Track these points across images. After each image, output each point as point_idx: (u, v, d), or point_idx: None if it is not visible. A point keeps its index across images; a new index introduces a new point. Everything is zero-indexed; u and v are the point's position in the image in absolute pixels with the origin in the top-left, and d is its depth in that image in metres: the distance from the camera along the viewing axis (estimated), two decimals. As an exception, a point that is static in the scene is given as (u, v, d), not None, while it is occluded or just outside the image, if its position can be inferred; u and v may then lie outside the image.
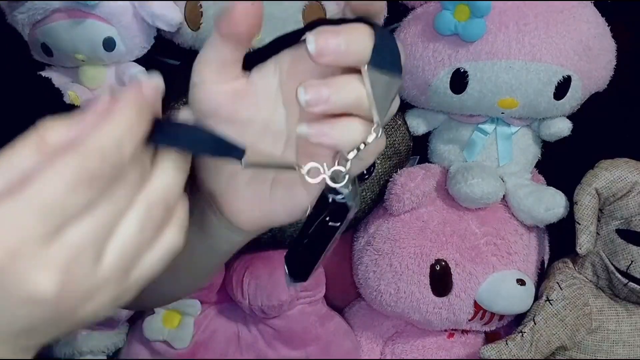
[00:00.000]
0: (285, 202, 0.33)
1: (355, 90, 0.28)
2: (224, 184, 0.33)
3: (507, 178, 0.74)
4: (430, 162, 0.79)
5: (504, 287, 0.70)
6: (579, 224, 0.69)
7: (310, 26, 0.29)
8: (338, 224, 0.32)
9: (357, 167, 0.31)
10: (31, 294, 0.22)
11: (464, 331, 0.79)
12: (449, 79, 0.68)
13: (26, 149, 0.24)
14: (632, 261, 0.67)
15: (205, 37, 0.70)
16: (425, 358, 0.79)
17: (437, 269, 0.71)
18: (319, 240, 0.32)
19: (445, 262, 0.71)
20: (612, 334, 0.71)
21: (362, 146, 0.29)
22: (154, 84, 0.27)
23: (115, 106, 0.24)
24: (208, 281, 0.47)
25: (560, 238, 0.76)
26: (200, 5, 0.69)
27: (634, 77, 0.73)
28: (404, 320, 0.79)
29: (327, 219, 0.31)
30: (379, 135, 0.29)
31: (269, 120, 0.31)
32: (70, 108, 0.64)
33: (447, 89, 0.69)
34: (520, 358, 0.69)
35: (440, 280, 0.71)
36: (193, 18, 0.70)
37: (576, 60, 0.67)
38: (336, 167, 0.30)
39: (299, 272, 0.34)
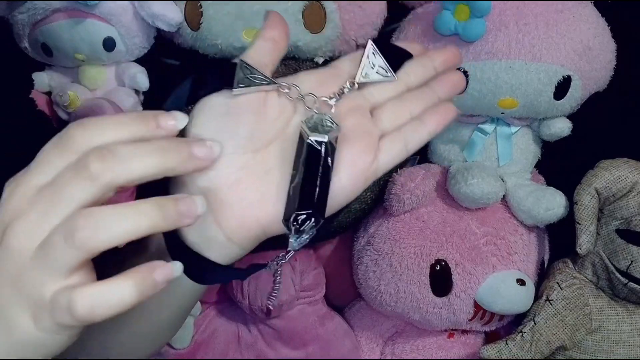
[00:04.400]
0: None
1: None
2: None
3: (507, 178, 0.74)
4: (430, 162, 0.79)
5: (504, 287, 0.70)
6: (579, 224, 0.69)
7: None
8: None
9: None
10: None
11: (464, 331, 0.79)
12: (449, 79, 0.68)
13: None
14: (632, 261, 0.67)
15: (205, 37, 0.70)
16: (425, 358, 0.79)
17: (437, 269, 0.71)
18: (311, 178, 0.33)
19: (445, 262, 0.71)
20: (612, 334, 0.71)
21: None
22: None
23: None
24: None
25: (560, 238, 0.76)
26: (200, 5, 0.69)
27: (634, 77, 0.73)
28: (404, 320, 0.79)
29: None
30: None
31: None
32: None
33: (447, 89, 0.69)
34: (520, 358, 0.69)
35: (440, 280, 0.71)
36: (193, 18, 0.70)
37: (576, 60, 0.67)
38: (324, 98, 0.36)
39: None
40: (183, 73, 0.77)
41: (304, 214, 0.33)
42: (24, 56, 0.75)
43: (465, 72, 0.67)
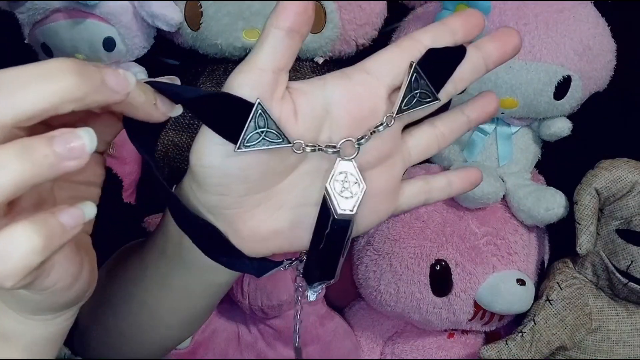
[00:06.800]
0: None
1: None
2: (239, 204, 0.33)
3: (507, 178, 0.74)
4: (430, 162, 0.79)
5: (504, 287, 0.70)
6: (579, 224, 0.69)
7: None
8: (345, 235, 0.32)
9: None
10: None
11: (464, 331, 0.79)
12: (449, 79, 0.68)
13: None
14: (632, 261, 0.67)
15: (205, 37, 0.70)
16: (425, 358, 0.79)
17: (437, 269, 0.71)
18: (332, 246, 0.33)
19: (445, 262, 0.71)
20: (612, 334, 0.71)
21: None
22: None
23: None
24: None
25: (560, 238, 0.76)
26: (200, 5, 0.69)
27: (634, 77, 0.73)
28: (404, 320, 0.79)
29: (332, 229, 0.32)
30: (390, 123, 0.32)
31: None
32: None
33: (447, 89, 0.69)
34: (520, 358, 0.69)
35: (440, 280, 0.71)
36: (193, 18, 0.70)
37: (576, 60, 0.67)
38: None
39: (323, 274, 0.34)
40: (182, 74, 0.77)
41: (322, 281, 0.35)
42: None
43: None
